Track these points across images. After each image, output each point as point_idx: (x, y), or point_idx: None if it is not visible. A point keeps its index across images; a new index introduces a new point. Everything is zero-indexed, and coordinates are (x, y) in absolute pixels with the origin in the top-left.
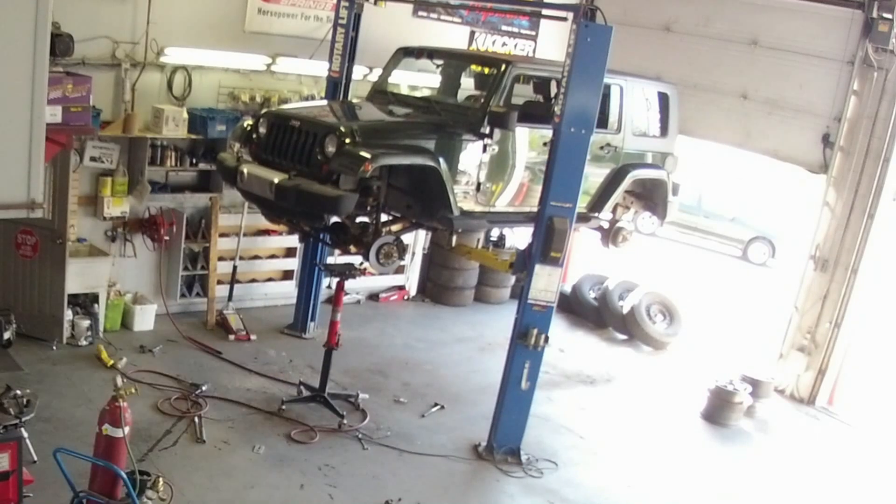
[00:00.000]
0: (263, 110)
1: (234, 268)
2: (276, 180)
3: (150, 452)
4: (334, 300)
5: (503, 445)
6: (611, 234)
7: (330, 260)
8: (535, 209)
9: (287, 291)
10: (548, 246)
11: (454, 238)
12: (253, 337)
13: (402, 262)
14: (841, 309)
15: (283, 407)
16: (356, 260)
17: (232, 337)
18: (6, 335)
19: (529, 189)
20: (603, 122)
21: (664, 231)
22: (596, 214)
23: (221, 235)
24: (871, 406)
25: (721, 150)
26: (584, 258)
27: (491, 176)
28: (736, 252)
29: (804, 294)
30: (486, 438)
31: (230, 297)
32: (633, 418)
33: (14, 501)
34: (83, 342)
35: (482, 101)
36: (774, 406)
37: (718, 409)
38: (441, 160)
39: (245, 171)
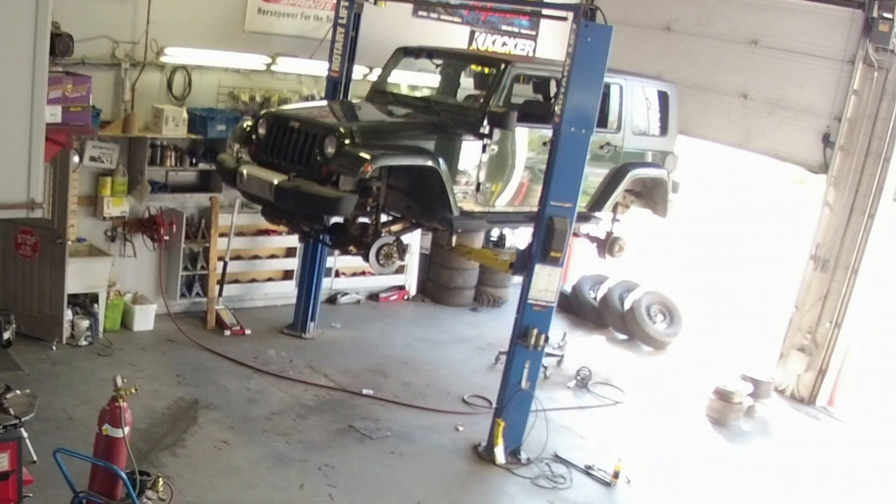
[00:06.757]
0: (262, 111)
1: (224, 264)
2: (275, 182)
3: (150, 452)
4: None
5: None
6: (607, 245)
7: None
8: (534, 209)
9: (287, 291)
10: (548, 246)
11: (454, 238)
12: (248, 331)
13: (402, 262)
14: (841, 309)
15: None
16: None
17: (227, 332)
18: (6, 335)
19: (529, 189)
20: (602, 121)
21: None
22: (596, 214)
23: (221, 235)
24: (872, 406)
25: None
26: (584, 258)
27: (490, 176)
28: None
29: (804, 294)
30: (486, 438)
31: (220, 293)
32: (633, 418)
33: (14, 501)
34: (83, 342)
35: (481, 101)
36: (775, 406)
37: (718, 409)
38: (441, 161)
39: (245, 172)
